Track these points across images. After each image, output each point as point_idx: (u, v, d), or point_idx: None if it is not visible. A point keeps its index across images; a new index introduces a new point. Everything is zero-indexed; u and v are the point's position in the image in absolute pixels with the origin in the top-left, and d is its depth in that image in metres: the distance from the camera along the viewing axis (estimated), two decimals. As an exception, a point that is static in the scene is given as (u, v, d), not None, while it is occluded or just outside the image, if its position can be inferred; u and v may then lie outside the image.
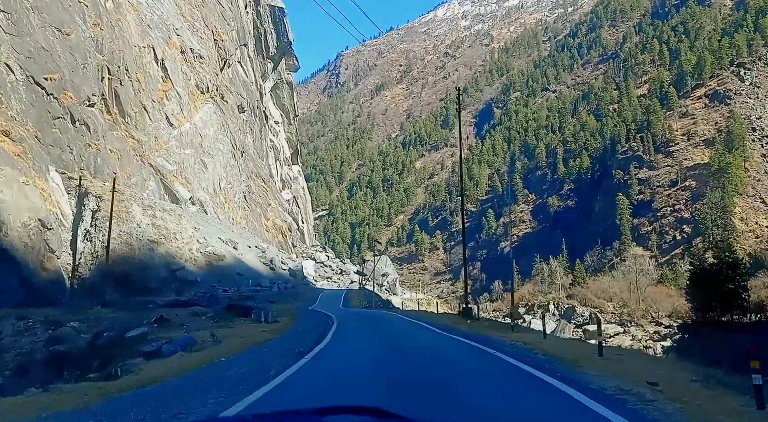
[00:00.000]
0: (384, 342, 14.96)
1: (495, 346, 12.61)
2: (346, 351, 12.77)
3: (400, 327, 20.93)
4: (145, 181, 49.14)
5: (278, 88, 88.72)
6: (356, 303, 41.48)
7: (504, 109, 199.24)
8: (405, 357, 11.35)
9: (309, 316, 26.88)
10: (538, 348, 12.50)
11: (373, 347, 13.40)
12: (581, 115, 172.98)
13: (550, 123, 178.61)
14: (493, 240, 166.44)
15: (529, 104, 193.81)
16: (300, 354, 11.45)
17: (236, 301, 23.98)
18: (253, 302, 29.69)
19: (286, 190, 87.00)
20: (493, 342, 13.95)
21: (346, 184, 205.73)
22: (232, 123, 64.60)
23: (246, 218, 62.34)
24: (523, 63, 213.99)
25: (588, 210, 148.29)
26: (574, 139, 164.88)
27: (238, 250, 46.32)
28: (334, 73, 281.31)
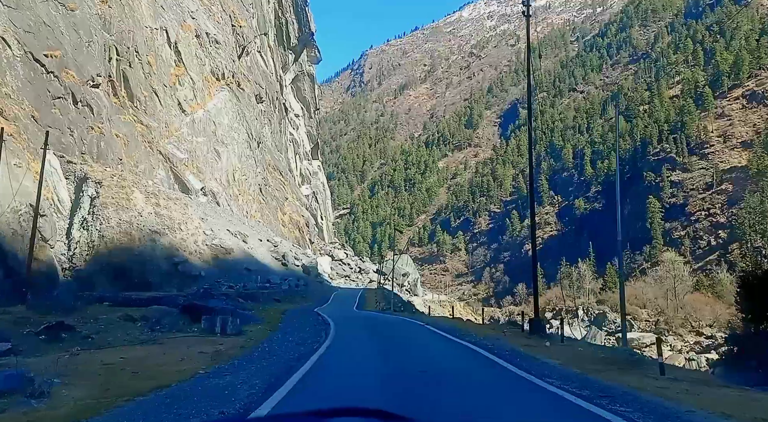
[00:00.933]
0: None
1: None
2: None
3: (442, 354, 13.05)
4: (153, 169, 45.86)
5: (299, 80, 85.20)
6: (372, 305, 37.12)
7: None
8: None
9: (299, 326, 19.53)
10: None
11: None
12: (610, 115, 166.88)
13: (577, 124, 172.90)
14: (518, 242, 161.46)
15: (555, 105, 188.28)
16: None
17: (198, 301, 18.41)
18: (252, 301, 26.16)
19: (305, 185, 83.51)
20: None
21: (367, 182, 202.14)
22: (249, 112, 61.11)
23: (261, 211, 58.81)
24: (550, 63, 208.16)
25: (616, 213, 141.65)
26: (602, 140, 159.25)
27: (247, 243, 42.76)
28: (358, 72, 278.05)
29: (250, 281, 37.42)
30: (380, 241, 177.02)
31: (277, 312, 25.16)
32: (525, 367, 10.16)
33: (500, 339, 15.60)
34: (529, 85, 20.32)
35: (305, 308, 29.12)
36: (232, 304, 22.65)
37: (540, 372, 9.49)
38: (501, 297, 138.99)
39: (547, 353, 13.20)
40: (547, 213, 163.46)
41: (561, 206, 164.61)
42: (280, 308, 26.56)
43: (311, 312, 25.94)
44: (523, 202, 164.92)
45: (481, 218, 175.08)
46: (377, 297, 38.68)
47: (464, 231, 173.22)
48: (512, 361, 11.00)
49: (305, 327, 19.35)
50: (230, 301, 24.31)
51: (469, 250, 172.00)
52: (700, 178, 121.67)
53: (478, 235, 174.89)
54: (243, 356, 11.60)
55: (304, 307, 29.10)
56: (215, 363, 10.47)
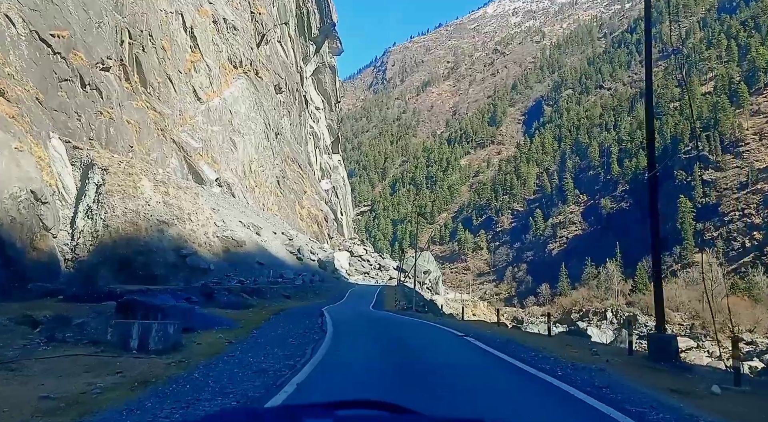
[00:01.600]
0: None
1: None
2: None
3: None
4: (166, 158, 43.74)
5: (320, 72, 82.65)
6: (391, 304, 33.59)
7: (555, 106, 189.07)
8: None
9: (281, 335, 13.89)
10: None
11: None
12: (639, 113, 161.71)
13: (604, 121, 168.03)
14: (541, 242, 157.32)
15: (581, 102, 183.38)
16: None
17: (138, 296, 13.19)
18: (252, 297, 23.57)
19: (325, 180, 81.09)
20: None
21: (389, 180, 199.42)
22: (267, 101, 58.75)
23: (278, 204, 56.46)
24: (576, 60, 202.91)
25: (645, 212, 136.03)
26: (631, 137, 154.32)
27: (261, 236, 40.35)
28: (381, 69, 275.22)
29: (261, 275, 34.97)
30: (401, 239, 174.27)
31: (269, 312, 20.91)
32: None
33: (606, 371, 9.58)
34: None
35: (312, 307, 25.25)
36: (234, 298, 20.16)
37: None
38: (524, 297, 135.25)
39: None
40: (572, 213, 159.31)
41: (586, 205, 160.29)
42: (281, 306, 23.47)
43: (314, 313, 20.96)
44: (547, 201, 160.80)
45: (503, 217, 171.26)
46: (397, 295, 35.71)
47: (486, 230, 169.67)
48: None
49: (289, 337, 13.48)
50: (232, 296, 21.84)
51: (491, 249, 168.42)
52: (734, 177, 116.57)
53: (501, 234, 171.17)
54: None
55: (311, 305, 25.51)
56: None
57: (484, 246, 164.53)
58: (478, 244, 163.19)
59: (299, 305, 25.05)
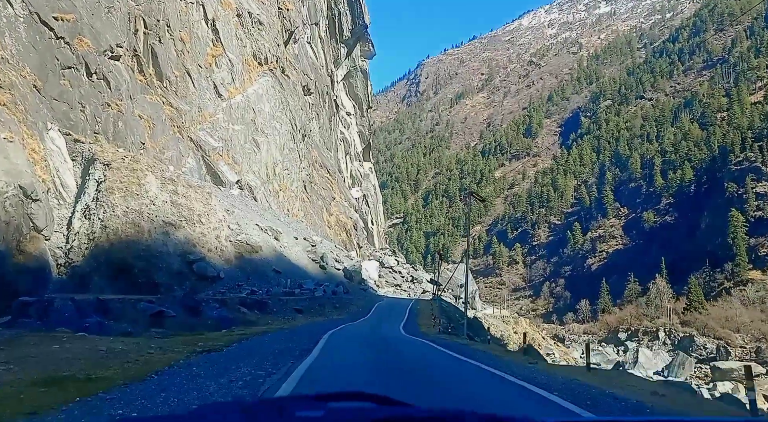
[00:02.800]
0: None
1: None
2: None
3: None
4: (182, 157, 39.80)
5: (351, 76, 78.53)
6: (428, 324, 27.13)
7: (593, 117, 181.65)
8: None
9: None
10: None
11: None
12: (683, 123, 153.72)
13: (646, 132, 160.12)
14: (580, 256, 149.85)
15: (621, 113, 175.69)
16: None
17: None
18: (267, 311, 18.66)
19: (355, 188, 76.61)
20: None
21: (421, 192, 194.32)
22: (293, 101, 54.61)
23: (304, 210, 51.99)
24: (615, 70, 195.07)
25: (692, 226, 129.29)
26: (675, 149, 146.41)
27: (279, 241, 35.82)
28: (414, 81, 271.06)
29: (277, 284, 30.33)
30: (434, 252, 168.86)
31: (236, 338, 14.68)
32: None
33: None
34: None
35: (319, 327, 19.39)
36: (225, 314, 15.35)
37: None
38: (562, 313, 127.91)
39: None
40: (612, 226, 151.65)
41: (627, 218, 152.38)
42: (278, 325, 17.99)
43: (311, 338, 14.88)
44: (586, 214, 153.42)
45: (540, 230, 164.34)
46: (435, 312, 30.15)
47: (522, 244, 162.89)
48: None
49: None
50: (224, 310, 17.09)
51: (527, 263, 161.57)
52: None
53: (537, 248, 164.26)
54: None
55: (321, 325, 19.56)
56: None
57: (519, 260, 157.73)
58: (513, 258, 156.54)
59: (305, 323, 19.68)
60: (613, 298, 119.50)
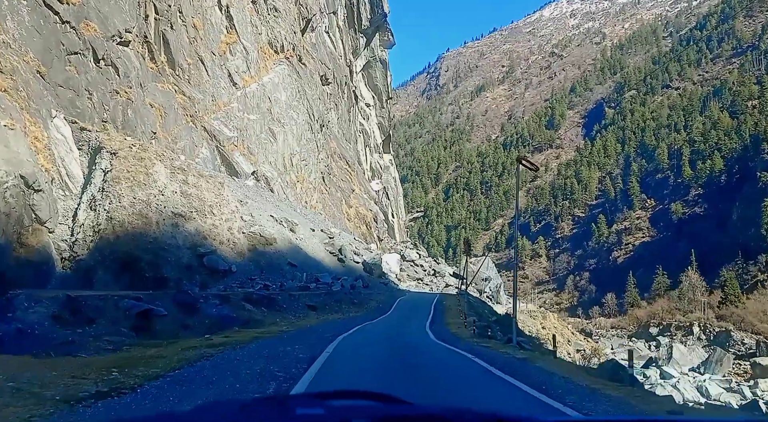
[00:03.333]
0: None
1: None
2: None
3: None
4: (196, 147, 38.09)
5: (370, 66, 76.25)
6: (457, 324, 24.26)
7: (617, 108, 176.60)
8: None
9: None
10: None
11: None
12: (712, 112, 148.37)
13: (673, 122, 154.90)
14: (605, 249, 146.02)
15: (646, 103, 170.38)
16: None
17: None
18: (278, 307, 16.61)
19: (375, 180, 74.51)
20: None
21: (442, 185, 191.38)
22: (311, 90, 52.60)
23: (323, 202, 50.06)
24: (640, 60, 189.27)
25: (722, 217, 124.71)
26: (704, 138, 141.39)
27: (295, 233, 33.90)
28: (434, 75, 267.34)
29: (292, 279, 28.38)
30: (455, 245, 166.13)
31: (220, 343, 11.87)
32: None
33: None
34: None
35: (331, 327, 16.73)
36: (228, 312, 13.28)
37: None
38: (587, 307, 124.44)
39: None
40: (639, 218, 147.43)
41: (654, 210, 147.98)
42: (279, 327, 15.54)
43: (314, 347, 11.96)
44: (611, 206, 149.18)
45: (563, 223, 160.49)
46: (463, 308, 27.69)
47: (545, 237, 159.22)
48: None
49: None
50: (226, 308, 15.05)
51: (550, 257, 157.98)
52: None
53: (561, 241, 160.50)
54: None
55: (332, 325, 16.97)
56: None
57: (542, 253, 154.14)
58: (536, 251, 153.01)
59: (315, 323, 17.38)
60: (641, 292, 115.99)
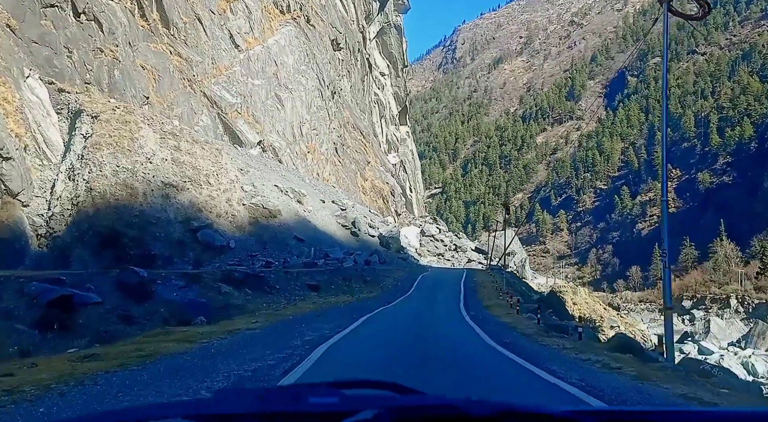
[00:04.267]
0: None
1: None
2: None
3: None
4: (195, 114, 34.36)
5: (385, 33, 71.40)
6: (499, 305, 19.48)
7: (640, 76, 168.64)
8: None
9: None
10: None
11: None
12: (741, 77, 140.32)
13: (700, 88, 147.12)
14: (628, 222, 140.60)
15: (672, 69, 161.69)
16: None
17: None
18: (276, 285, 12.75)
19: (392, 154, 70.38)
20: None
21: (460, 161, 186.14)
22: (320, 54, 48.30)
23: (336, 174, 46.22)
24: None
25: (753, 186, 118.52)
26: (733, 104, 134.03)
27: (303, 205, 30.16)
28: (450, 48, 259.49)
29: (299, 254, 24.70)
30: (474, 221, 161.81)
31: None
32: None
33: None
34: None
35: (329, 317, 12.75)
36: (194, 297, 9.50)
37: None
38: (611, 280, 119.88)
39: None
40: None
41: (680, 180, 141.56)
42: (253, 320, 11.31)
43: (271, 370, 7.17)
44: (634, 177, 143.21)
45: (585, 195, 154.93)
46: (497, 284, 23.34)
47: (566, 210, 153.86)
48: None
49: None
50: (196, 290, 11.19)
51: (571, 230, 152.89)
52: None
53: (583, 214, 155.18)
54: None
55: (333, 312, 12.71)
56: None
57: (564, 227, 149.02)
58: (557, 225, 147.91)
59: (311, 310, 13.12)
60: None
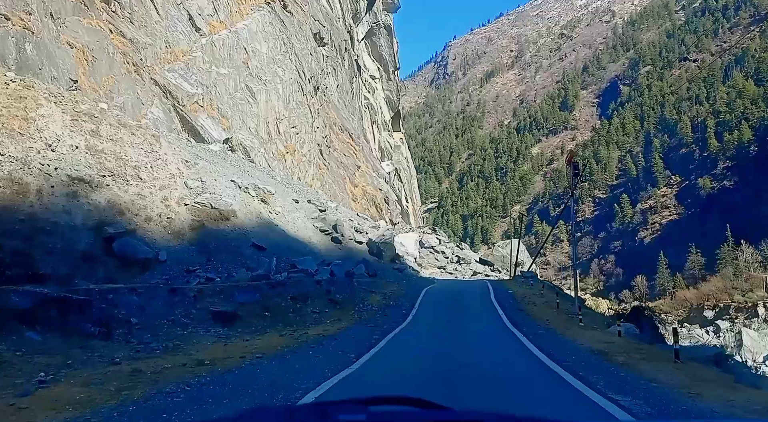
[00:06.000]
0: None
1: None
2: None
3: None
4: (142, 105, 27.59)
5: (374, 34, 65.20)
6: (600, 341, 11.51)
7: (633, 85, 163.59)
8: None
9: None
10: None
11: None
12: (736, 81, 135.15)
13: (694, 94, 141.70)
14: (630, 230, 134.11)
15: (664, 77, 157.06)
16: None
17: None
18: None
19: (386, 162, 63.77)
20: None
21: (455, 174, 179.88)
22: (300, 44, 41.48)
23: (321, 179, 39.21)
24: (653, 35, 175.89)
25: (758, 189, 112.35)
26: (729, 108, 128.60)
27: (268, 204, 23.15)
28: (442, 64, 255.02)
29: (259, 266, 17.67)
30: (472, 234, 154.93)
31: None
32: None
33: None
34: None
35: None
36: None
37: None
38: (616, 290, 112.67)
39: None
40: (664, 196, 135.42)
41: (681, 187, 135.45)
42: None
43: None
44: (634, 185, 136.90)
45: (584, 205, 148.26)
46: (543, 294, 16.24)
47: (566, 221, 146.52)
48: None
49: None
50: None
51: (571, 241, 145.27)
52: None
53: (582, 224, 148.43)
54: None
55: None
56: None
57: (564, 237, 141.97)
58: (557, 236, 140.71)
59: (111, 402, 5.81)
60: (672, 272, 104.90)
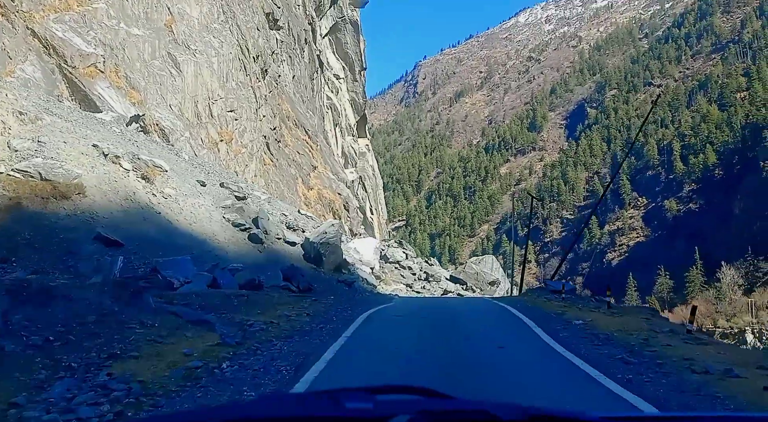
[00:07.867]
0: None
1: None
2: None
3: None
4: (10, 60, 19.96)
5: (339, 29, 58.97)
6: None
7: (600, 108, 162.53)
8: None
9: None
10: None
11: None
12: (700, 105, 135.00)
13: (659, 117, 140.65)
14: (597, 251, 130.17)
15: (629, 100, 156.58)
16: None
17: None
18: None
19: (349, 169, 57.16)
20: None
21: (424, 192, 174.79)
22: (245, 16, 34.33)
23: (265, 176, 31.95)
24: (618, 60, 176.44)
25: (724, 212, 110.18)
26: (694, 132, 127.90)
27: (152, 184, 15.80)
28: (412, 83, 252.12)
29: (98, 269, 10.41)
30: (439, 253, 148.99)
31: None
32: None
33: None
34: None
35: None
36: None
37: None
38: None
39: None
40: (632, 218, 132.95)
41: (647, 209, 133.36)
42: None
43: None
44: (601, 206, 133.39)
45: (552, 226, 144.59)
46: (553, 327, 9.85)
47: (533, 241, 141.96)
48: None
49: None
50: None
51: (539, 261, 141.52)
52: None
53: (550, 245, 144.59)
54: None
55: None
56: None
57: (532, 258, 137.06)
58: (526, 257, 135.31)
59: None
60: (641, 295, 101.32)
